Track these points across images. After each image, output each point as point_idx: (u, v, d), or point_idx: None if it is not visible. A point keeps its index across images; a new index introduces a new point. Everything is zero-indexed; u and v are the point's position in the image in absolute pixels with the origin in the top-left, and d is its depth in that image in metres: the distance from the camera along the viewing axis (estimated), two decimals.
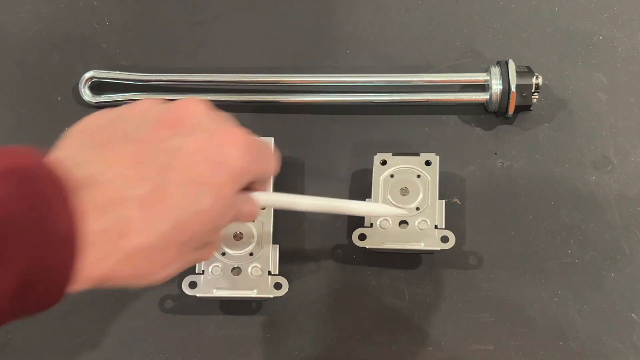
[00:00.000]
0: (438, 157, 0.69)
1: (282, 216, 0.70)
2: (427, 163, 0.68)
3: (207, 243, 0.49)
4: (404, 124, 0.73)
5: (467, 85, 0.74)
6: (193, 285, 0.65)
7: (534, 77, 0.70)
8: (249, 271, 0.65)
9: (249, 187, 0.51)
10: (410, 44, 0.76)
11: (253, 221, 0.65)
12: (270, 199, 0.56)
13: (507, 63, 0.71)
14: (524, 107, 0.71)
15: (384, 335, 0.68)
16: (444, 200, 0.68)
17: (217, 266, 0.66)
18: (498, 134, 0.73)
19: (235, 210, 0.49)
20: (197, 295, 0.65)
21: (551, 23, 0.76)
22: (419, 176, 0.68)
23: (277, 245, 0.67)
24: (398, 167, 0.69)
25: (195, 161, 0.46)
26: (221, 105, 0.74)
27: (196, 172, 0.45)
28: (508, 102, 0.70)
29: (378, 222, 0.67)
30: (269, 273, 0.66)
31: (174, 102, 0.49)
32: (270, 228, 0.67)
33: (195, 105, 0.49)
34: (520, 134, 0.73)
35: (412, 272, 0.69)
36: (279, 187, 0.71)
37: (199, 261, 0.56)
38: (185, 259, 0.47)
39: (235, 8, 0.77)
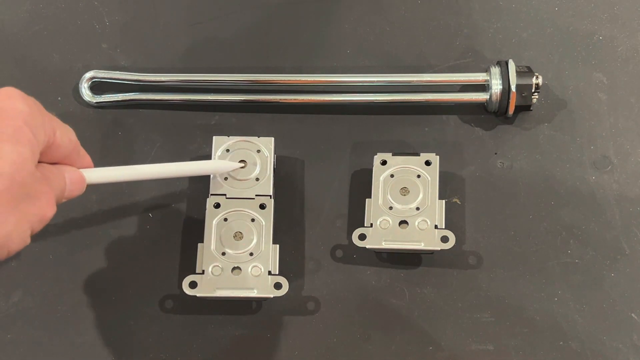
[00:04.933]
0: (438, 157, 0.69)
1: (282, 216, 0.70)
2: (427, 163, 0.69)
3: (30, 194, 0.48)
4: (404, 124, 0.73)
5: (467, 85, 0.74)
6: (193, 285, 0.65)
7: (534, 77, 0.70)
8: (249, 271, 0.65)
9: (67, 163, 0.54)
10: (410, 44, 0.76)
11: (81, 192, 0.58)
12: (102, 174, 0.57)
13: (507, 63, 0.71)
14: (524, 107, 0.71)
15: (384, 335, 0.68)
16: (444, 200, 0.68)
17: (217, 266, 0.66)
18: (498, 134, 0.73)
19: (50, 171, 0.51)
20: (197, 295, 0.65)
21: (551, 23, 0.76)
22: (419, 176, 0.68)
23: (277, 245, 0.67)
24: (398, 167, 0.69)
25: None
26: (221, 105, 0.74)
27: None
28: (508, 102, 0.70)
29: (378, 222, 0.67)
30: (269, 273, 0.66)
31: None
32: (270, 228, 0.67)
33: None
34: (520, 134, 0.73)
35: (412, 272, 0.69)
36: (280, 186, 0.71)
37: (41, 218, 0.50)
38: (16, 212, 0.47)
39: (235, 8, 0.77)
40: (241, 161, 0.68)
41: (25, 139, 0.48)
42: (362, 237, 0.67)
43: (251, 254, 0.66)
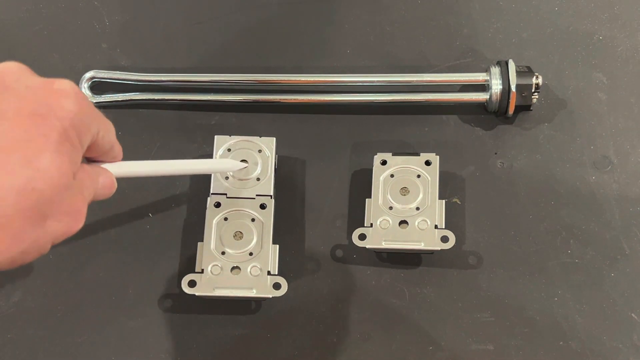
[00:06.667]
0: (438, 157, 0.69)
1: (282, 216, 0.69)
2: (427, 163, 0.69)
3: (61, 209, 0.45)
4: (404, 124, 0.73)
5: (467, 85, 0.74)
6: (192, 284, 0.65)
7: (534, 77, 0.70)
8: (248, 271, 0.65)
9: (97, 160, 0.51)
10: (410, 44, 0.76)
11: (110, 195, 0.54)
12: (123, 170, 0.55)
13: (507, 63, 0.71)
14: (524, 107, 0.71)
15: (384, 335, 0.68)
16: (444, 200, 0.68)
17: (217, 265, 0.66)
18: (498, 134, 0.73)
19: (86, 176, 0.47)
20: (196, 294, 0.65)
21: (551, 23, 0.76)
22: (419, 176, 0.68)
23: (277, 245, 0.67)
24: (398, 167, 0.69)
25: (18, 118, 0.42)
26: (222, 105, 0.74)
27: (22, 129, 0.42)
28: (508, 102, 0.70)
29: (378, 222, 0.67)
30: (269, 273, 0.66)
31: None
32: (270, 228, 0.67)
33: (9, 65, 0.45)
34: (520, 134, 0.73)
35: (412, 272, 0.69)
36: (280, 186, 0.71)
37: (65, 232, 0.47)
38: (39, 229, 0.44)
39: (235, 8, 0.77)
40: (242, 160, 0.68)
41: (69, 145, 0.43)
42: (362, 237, 0.67)
43: (251, 254, 0.66)
